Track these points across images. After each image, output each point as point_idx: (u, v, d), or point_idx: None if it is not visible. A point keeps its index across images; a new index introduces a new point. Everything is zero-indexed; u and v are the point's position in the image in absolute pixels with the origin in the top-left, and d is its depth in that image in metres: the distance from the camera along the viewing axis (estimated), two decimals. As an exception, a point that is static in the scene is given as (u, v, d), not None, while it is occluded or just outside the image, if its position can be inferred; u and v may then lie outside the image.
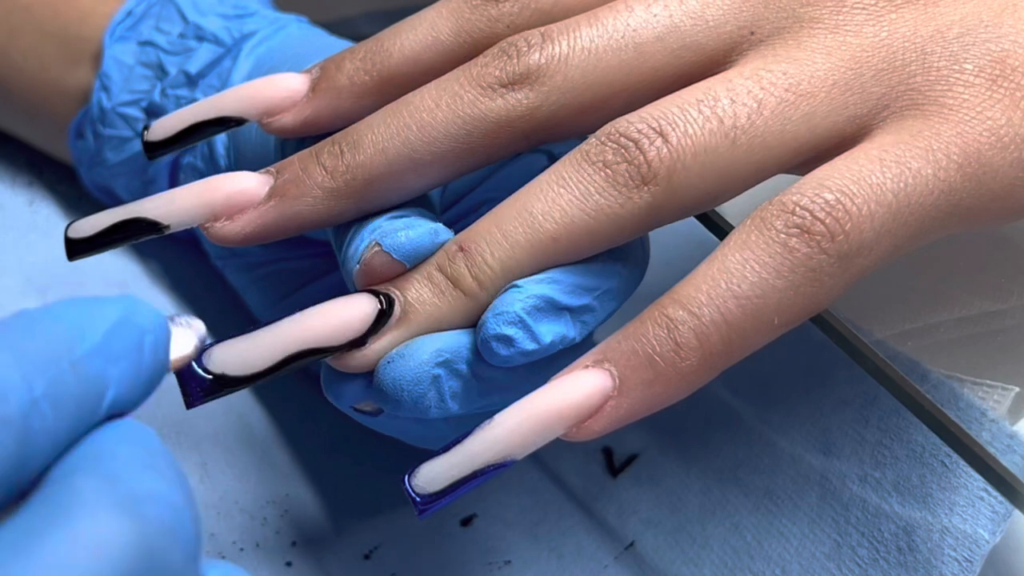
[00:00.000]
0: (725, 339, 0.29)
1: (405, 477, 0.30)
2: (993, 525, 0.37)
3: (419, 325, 0.32)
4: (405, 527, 0.41)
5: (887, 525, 0.38)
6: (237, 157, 0.41)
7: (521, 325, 0.30)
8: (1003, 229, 0.37)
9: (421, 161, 0.33)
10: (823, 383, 0.41)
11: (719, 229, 0.35)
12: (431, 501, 0.30)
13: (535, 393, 0.30)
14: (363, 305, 0.32)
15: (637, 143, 0.31)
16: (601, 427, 0.30)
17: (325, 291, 0.34)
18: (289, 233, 0.34)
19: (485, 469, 0.29)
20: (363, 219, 0.34)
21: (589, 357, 0.30)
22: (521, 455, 0.30)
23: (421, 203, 0.34)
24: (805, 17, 0.32)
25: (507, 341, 0.30)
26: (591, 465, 0.42)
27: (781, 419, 0.41)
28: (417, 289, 0.32)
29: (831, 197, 0.29)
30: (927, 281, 0.39)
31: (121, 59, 0.44)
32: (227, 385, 0.31)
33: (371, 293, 0.32)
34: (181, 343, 0.28)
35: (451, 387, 0.31)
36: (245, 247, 0.43)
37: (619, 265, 0.32)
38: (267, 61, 0.42)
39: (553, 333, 0.31)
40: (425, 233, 0.32)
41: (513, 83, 0.32)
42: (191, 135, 0.36)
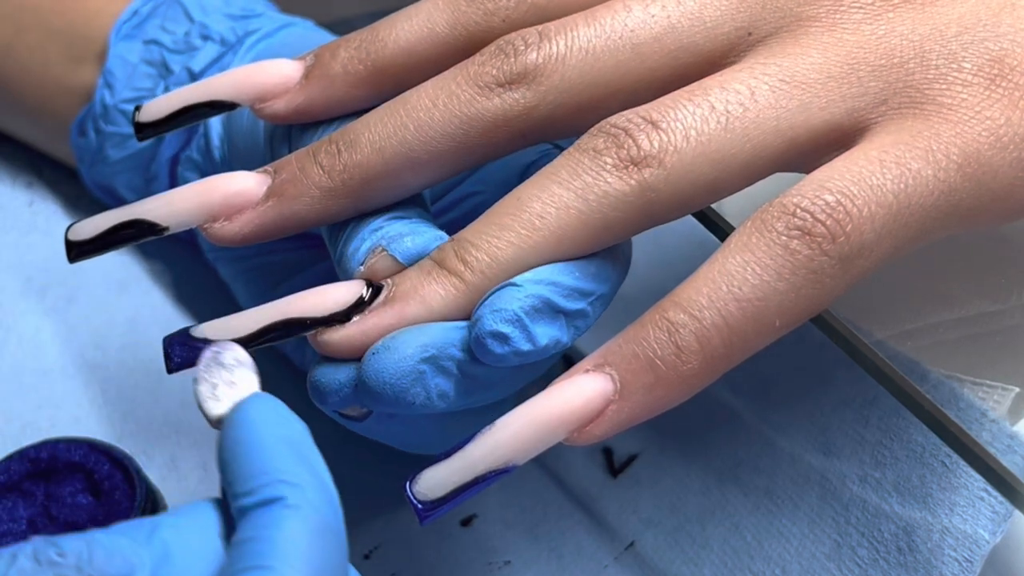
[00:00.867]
0: (726, 342, 0.29)
1: (406, 484, 0.30)
2: (993, 525, 0.37)
3: (404, 306, 0.31)
4: (405, 527, 0.41)
5: (887, 525, 0.38)
6: (230, 148, 0.41)
7: (518, 324, 0.30)
8: (1003, 229, 0.37)
9: (418, 160, 0.33)
10: (823, 383, 0.41)
11: (719, 229, 0.35)
12: (433, 508, 0.30)
13: (536, 398, 0.30)
14: (349, 286, 0.32)
15: (627, 131, 0.31)
16: (603, 431, 0.29)
17: (311, 282, 0.34)
18: (287, 232, 0.34)
19: (486, 475, 0.29)
20: (360, 217, 0.34)
21: (590, 361, 0.30)
22: (523, 460, 0.29)
23: (415, 199, 0.34)
24: (802, 16, 0.32)
25: (503, 339, 0.30)
26: (591, 465, 0.42)
27: (781, 419, 0.41)
28: (406, 274, 0.32)
29: (832, 199, 0.29)
30: (927, 281, 0.39)
31: (126, 57, 0.44)
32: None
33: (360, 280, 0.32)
34: (245, 384, 0.30)
35: (436, 383, 0.31)
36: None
37: (610, 270, 0.32)
38: (267, 56, 0.42)
39: (548, 336, 0.31)
40: (431, 239, 0.32)
41: (510, 82, 0.32)
42: (181, 117, 0.36)
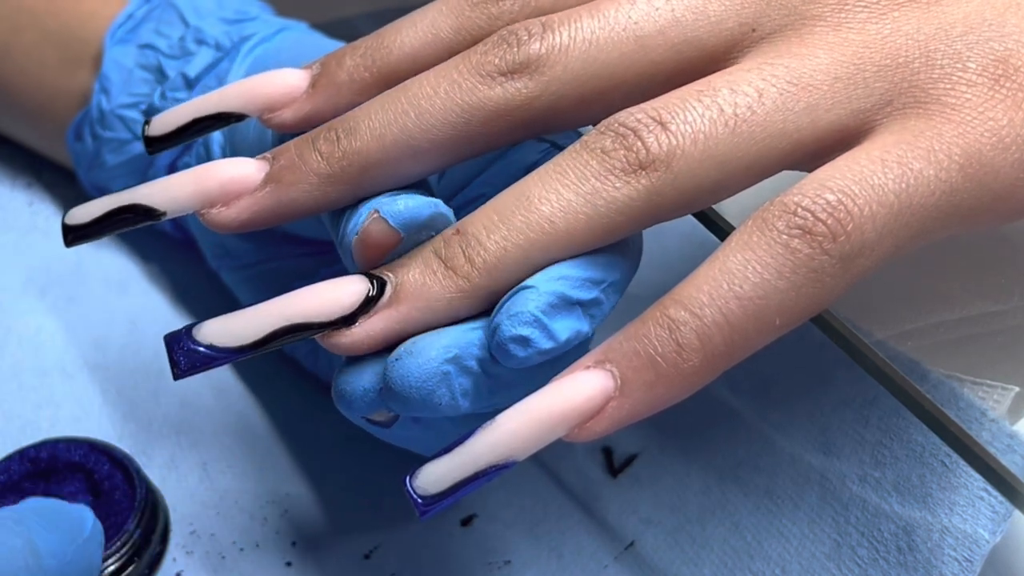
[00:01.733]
0: (727, 340, 0.29)
1: (406, 478, 0.30)
2: (993, 525, 0.37)
3: (411, 306, 0.31)
4: (405, 527, 0.41)
5: (887, 525, 0.38)
6: (233, 156, 0.41)
7: (537, 324, 0.30)
8: (1003, 229, 0.37)
9: (418, 148, 0.32)
10: (823, 383, 0.41)
11: (719, 229, 0.35)
12: (433, 502, 0.30)
13: (536, 394, 0.30)
14: (353, 283, 0.32)
15: (636, 131, 0.31)
16: (603, 428, 0.29)
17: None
18: (285, 220, 0.34)
19: (487, 470, 0.29)
20: (360, 202, 0.33)
21: (590, 358, 0.30)
22: (523, 456, 0.29)
23: (419, 185, 0.34)
24: (807, 14, 0.32)
25: (524, 342, 0.30)
26: (591, 465, 0.42)
27: (781, 419, 0.41)
28: (410, 270, 0.32)
29: (833, 198, 0.29)
30: (927, 281, 0.39)
31: (121, 62, 0.44)
32: (214, 358, 0.31)
33: (363, 276, 0.32)
34: None
35: (461, 384, 0.31)
36: (238, 247, 0.43)
37: (620, 258, 0.32)
38: (264, 62, 0.42)
39: (569, 330, 0.30)
40: (424, 204, 0.32)
41: (513, 72, 0.32)
42: (191, 130, 0.36)
